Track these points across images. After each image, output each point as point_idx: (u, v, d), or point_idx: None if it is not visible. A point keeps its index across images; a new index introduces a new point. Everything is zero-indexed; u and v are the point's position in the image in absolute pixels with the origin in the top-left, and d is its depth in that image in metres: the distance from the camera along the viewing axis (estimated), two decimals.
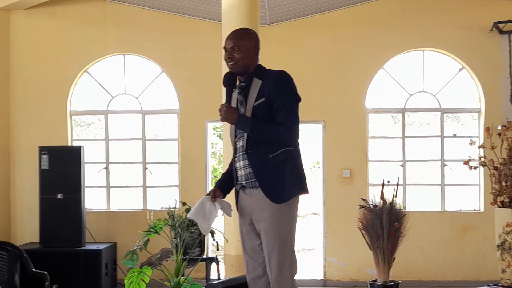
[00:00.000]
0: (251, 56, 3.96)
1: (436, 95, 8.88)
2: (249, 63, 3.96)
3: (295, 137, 3.85)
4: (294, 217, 3.88)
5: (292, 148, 3.82)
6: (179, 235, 5.62)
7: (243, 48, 3.94)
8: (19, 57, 8.86)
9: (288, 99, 3.83)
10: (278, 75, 3.91)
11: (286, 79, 3.90)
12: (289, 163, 3.80)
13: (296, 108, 3.88)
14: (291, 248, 3.85)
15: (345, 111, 8.77)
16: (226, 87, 3.95)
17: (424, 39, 8.79)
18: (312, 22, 8.82)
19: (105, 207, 8.97)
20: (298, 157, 3.87)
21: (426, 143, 9.07)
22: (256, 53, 4.00)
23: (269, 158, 3.79)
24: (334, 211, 8.67)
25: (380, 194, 6.95)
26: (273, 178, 3.80)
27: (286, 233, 3.82)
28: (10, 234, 8.71)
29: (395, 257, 6.89)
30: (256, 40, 4.04)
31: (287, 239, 3.83)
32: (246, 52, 3.95)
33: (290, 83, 3.90)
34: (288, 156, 3.80)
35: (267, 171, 3.80)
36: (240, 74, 3.99)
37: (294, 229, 3.88)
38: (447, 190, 8.79)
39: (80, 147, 8.20)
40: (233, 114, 3.83)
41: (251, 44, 3.98)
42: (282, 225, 3.81)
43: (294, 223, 3.88)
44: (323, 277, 8.70)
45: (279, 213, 3.80)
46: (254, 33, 4.12)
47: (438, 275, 8.56)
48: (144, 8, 8.85)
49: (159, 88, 9.11)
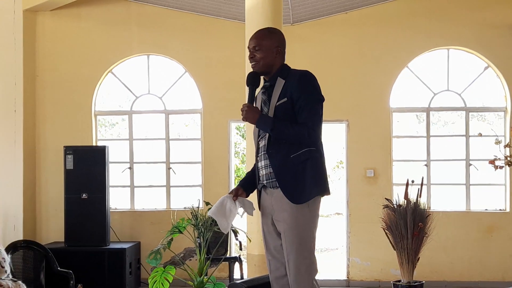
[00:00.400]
0: (274, 56, 3.95)
1: (461, 94, 8.80)
2: (272, 62, 3.95)
3: (316, 138, 3.80)
4: (314, 218, 3.84)
5: (314, 148, 3.79)
6: (202, 235, 5.64)
7: (265, 47, 3.94)
8: (45, 58, 8.95)
9: (310, 100, 3.79)
10: (301, 75, 3.89)
11: (309, 79, 3.87)
12: (310, 163, 3.77)
13: (319, 109, 3.84)
14: (310, 249, 3.81)
15: (369, 110, 8.72)
16: (249, 87, 3.96)
17: (448, 37, 8.71)
18: (336, 21, 8.78)
19: (129, 207, 9.03)
20: (320, 158, 3.83)
21: (451, 143, 8.99)
22: (280, 52, 3.97)
23: (290, 158, 3.77)
24: (358, 211, 8.63)
25: (404, 194, 6.90)
26: (293, 178, 3.77)
27: (305, 234, 3.78)
28: (35, 233, 8.81)
29: (419, 257, 6.85)
30: (278, 39, 4.01)
31: (306, 240, 3.79)
32: (268, 51, 3.94)
33: (313, 83, 3.86)
34: (309, 157, 3.77)
35: (288, 171, 3.78)
36: (263, 73, 3.99)
37: (314, 230, 3.84)
38: (472, 190, 8.70)
39: (104, 147, 8.26)
40: (254, 114, 3.83)
41: (273, 43, 3.96)
42: (301, 226, 3.77)
43: (314, 224, 3.84)
44: (346, 277, 8.66)
45: (298, 213, 3.77)
46: (277, 32, 4.09)
47: (463, 276, 8.48)
48: (167, 9, 8.89)
49: (183, 88, 9.15)
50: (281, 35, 4.07)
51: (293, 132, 3.75)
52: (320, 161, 3.84)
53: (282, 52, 4.00)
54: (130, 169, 9.03)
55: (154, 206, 9.04)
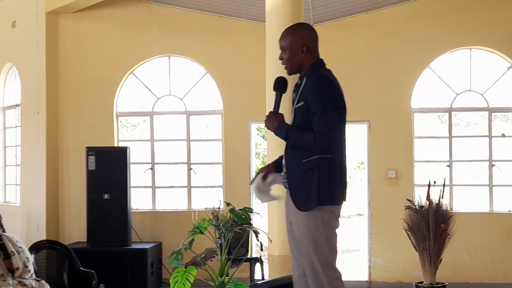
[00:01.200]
0: (299, 55, 3.84)
1: (484, 94, 8.71)
2: (299, 62, 3.86)
3: (327, 145, 3.66)
4: (326, 223, 3.73)
5: (327, 156, 3.68)
6: (223, 235, 5.64)
7: (289, 48, 3.86)
8: (67, 59, 9.03)
9: (320, 106, 3.66)
10: (314, 80, 3.77)
11: (320, 85, 3.74)
12: (319, 171, 3.67)
13: (331, 116, 3.67)
14: (325, 253, 3.72)
15: (390, 111, 8.67)
16: (276, 93, 3.92)
17: (471, 37, 8.63)
18: (357, 22, 8.75)
19: (150, 207, 9.08)
20: (331, 166, 3.70)
21: (473, 143, 8.91)
22: (306, 50, 3.83)
23: (301, 163, 3.72)
24: (379, 212, 8.59)
25: (426, 195, 6.86)
26: (300, 184, 3.74)
27: (317, 239, 3.72)
28: (58, 233, 8.88)
29: (441, 259, 6.80)
30: (303, 36, 3.86)
31: (319, 243, 3.72)
32: (292, 51, 3.85)
33: (325, 88, 3.73)
34: (319, 164, 3.67)
35: (297, 176, 3.75)
36: (295, 73, 3.91)
37: (329, 233, 3.75)
38: (495, 191, 8.61)
39: (126, 148, 8.30)
40: (274, 123, 3.83)
41: (297, 42, 3.84)
42: (311, 231, 3.72)
43: (328, 228, 3.74)
44: (368, 279, 8.63)
45: (306, 219, 3.73)
46: (301, 28, 3.95)
47: (486, 278, 8.39)
48: (188, 10, 8.92)
49: (204, 89, 9.18)
50: (305, 31, 3.91)
51: (303, 141, 3.69)
52: (332, 169, 3.71)
53: (310, 49, 3.85)
54: (152, 170, 9.07)
55: (175, 206, 9.08)
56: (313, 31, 3.95)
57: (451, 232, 6.82)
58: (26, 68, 9.06)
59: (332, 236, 3.79)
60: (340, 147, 3.77)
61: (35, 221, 8.77)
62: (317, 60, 3.90)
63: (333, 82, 3.80)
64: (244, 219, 5.46)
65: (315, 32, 3.96)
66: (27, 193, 8.96)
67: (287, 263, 6.43)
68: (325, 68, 3.91)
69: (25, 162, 9.07)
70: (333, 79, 3.83)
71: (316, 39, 3.92)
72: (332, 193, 3.73)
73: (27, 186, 8.99)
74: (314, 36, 3.92)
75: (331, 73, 3.89)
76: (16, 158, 9.52)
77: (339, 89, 3.81)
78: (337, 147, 3.74)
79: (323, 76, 3.80)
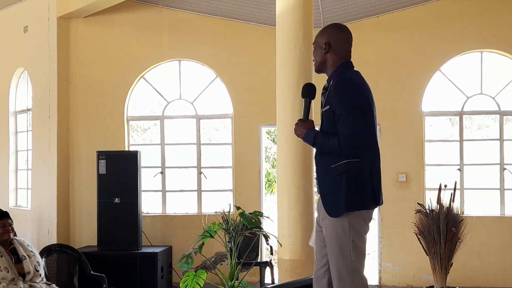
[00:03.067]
0: (322, 53, 3.84)
1: (495, 97, 8.68)
2: (322, 60, 3.85)
3: (353, 148, 3.62)
4: (354, 228, 3.70)
5: (355, 160, 3.65)
6: (233, 239, 5.63)
7: (316, 45, 3.88)
8: (78, 64, 9.07)
9: (343, 110, 3.63)
10: (337, 84, 3.74)
11: (342, 88, 3.70)
12: (347, 176, 3.65)
13: (354, 118, 3.61)
14: (351, 258, 3.70)
15: (401, 114, 8.65)
16: (304, 99, 3.92)
17: (482, 40, 8.59)
18: (367, 25, 8.74)
19: (161, 211, 9.09)
20: (360, 171, 3.67)
21: (484, 146, 8.87)
22: (329, 47, 3.81)
23: (331, 169, 3.70)
24: (390, 215, 8.56)
25: (437, 199, 6.82)
26: (330, 189, 3.72)
27: (344, 243, 3.70)
28: (69, 237, 8.92)
29: (452, 263, 6.75)
30: (329, 34, 3.84)
31: (346, 248, 3.70)
32: (318, 50, 3.86)
33: (347, 91, 3.68)
34: (347, 170, 3.64)
35: (327, 181, 3.74)
36: (320, 72, 3.91)
37: (356, 238, 3.71)
38: (507, 195, 8.56)
39: (137, 151, 8.31)
40: (302, 130, 3.84)
41: (322, 39, 3.84)
42: (339, 235, 3.71)
43: (355, 233, 3.71)
44: (378, 283, 8.60)
45: (334, 224, 3.72)
46: (331, 26, 3.92)
47: (498, 282, 8.34)
48: (198, 14, 8.94)
49: (214, 93, 9.19)
50: (334, 29, 3.88)
51: (329, 146, 3.68)
52: (360, 174, 3.67)
53: (335, 49, 3.82)
54: (162, 174, 9.09)
55: (185, 210, 9.10)
56: (343, 32, 3.91)
57: (462, 236, 6.77)
58: (38, 73, 9.11)
59: (360, 241, 3.75)
60: (370, 149, 3.74)
61: (46, 225, 8.81)
62: (345, 61, 3.86)
63: (357, 84, 3.75)
64: (254, 223, 5.45)
65: (347, 34, 3.92)
66: (38, 197, 9.00)
67: (297, 267, 6.44)
68: (351, 70, 3.87)
69: (36, 166, 9.11)
70: (358, 81, 3.78)
71: (346, 40, 3.88)
72: (361, 198, 3.70)
73: (38, 190, 9.03)
74: (343, 37, 3.88)
75: (357, 75, 3.85)
76: (27, 162, 9.57)
77: (364, 91, 3.75)
78: (367, 151, 3.72)
79: (347, 78, 3.76)
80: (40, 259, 5.87)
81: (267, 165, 14.92)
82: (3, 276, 5.45)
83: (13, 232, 5.86)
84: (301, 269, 6.35)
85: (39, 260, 5.80)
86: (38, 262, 5.76)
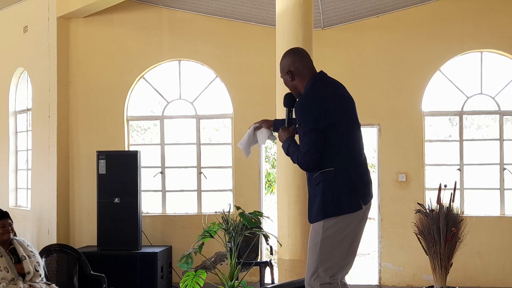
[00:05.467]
0: (289, 81, 3.96)
1: (495, 97, 8.68)
2: (292, 86, 3.97)
3: (308, 165, 3.71)
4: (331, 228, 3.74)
5: (330, 169, 3.70)
6: (233, 239, 5.64)
7: (283, 79, 4.01)
8: (78, 64, 9.07)
9: (300, 130, 3.75)
10: (298, 103, 3.84)
11: (300, 107, 3.77)
12: (323, 186, 3.73)
13: (309, 138, 3.67)
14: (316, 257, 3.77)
15: (401, 114, 8.65)
16: (285, 108, 4.03)
17: (482, 40, 8.60)
18: (367, 25, 8.74)
19: (160, 211, 9.09)
20: (335, 178, 3.70)
21: (484, 146, 8.87)
22: (292, 75, 3.90)
23: (312, 178, 3.81)
24: (390, 215, 8.56)
25: (437, 199, 6.82)
26: (312, 197, 3.85)
27: (315, 241, 3.78)
28: (69, 237, 8.92)
29: (452, 263, 6.76)
30: (285, 63, 3.96)
31: (315, 247, 3.78)
32: (286, 81, 3.98)
33: (303, 111, 3.73)
34: (322, 179, 3.73)
35: (310, 189, 3.88)
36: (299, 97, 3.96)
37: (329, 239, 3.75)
38: (507, 195, 8.57)
39: (136, 151, 8.31)
40: (282, 137, 3.97)
41: (283, 70, 3.98)
42: (312, 236, 3.81)
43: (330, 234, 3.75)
44: (378, 283, 8.60)
45: (314, 229, 3.83)
46: (284, 56, 4.00)
47: (497, 282, 8.35)
48: (198, 14, 8.94)
49: (214, 93, 9.19)
50: (287, 57, 3.96)
51: (294, 159, 3.83)
52: (334, 182, 3.71)
53: (297, 73, 3.90)
54: (162, 174, 9.09)
55: (185, 210, 9.10)
56: (296, 54, 3.96)
57: (462, 236, 6.78)
58: (37, 73, 9.11)
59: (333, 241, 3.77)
60: (344, 154, 3.74)
61: (46, 225, 8.81)
62: (310, 78, 3.89)
63: (312, 101, 3.74)
64: (254, 223, 5.45)
65: (300, 53, 3.97)
66: (38, 197, 9.00)
67: (297, 267, 6.45)
68: (318, 84, 3.86)
69: (36, 166, 9.11)
70: (318, 96, 3.76)
71: (301, 60, 3.92)
72: (336, 206, 3.73)
73: (38, 190, 9.03)
74: (298, 58, 3.93)
75: (322, 87, 3.83)
76: (27, 162, 9.57)
77: (321, 106, 3.72)
78: (339, 157, 3.72)
79: (304, 97, 3.81)
80: (40, 259, 5.87)
81: (267, 165, 14.92)
82: (3, 276, 5.44)
83: (13, 232, 5.86)
84: (301, 269, 6.35)
85: (39, 260, 5.80)
86: (38, 262, 5.76)
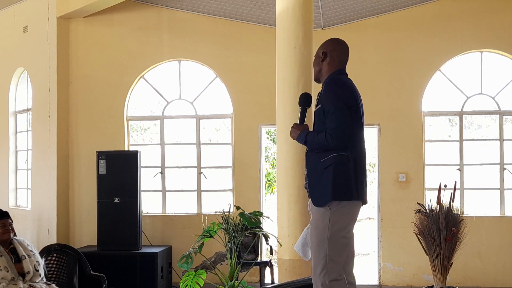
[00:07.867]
0: (319, 62, 4.15)
1: (495, 97, 8.68)
2: (317, 66, 4.18)
3: (338, 141, 3.85)
4: (337, 223, 3.89)
5: (343, 154, 3.87)
6: (233, 239, 5.63)
7: (316, 56, 4.21)
8: (78, 64, 9.07)
9: (331, 106, 3.90)
10: (327, 83, 4.04)
11: (330, 86, 3.99)
12: (334, 168, 3.86)
13: (341, 113, 3.89)
14: (325, 253, 3.87)
15: (401, 114, 8.65)
16: (300, 107, 4.20)
17: (482, 40, 8.60)
18: (367, 25, 8.74)
19: (160, 211, 9.09)
20: (347, 163, 3.88)
21: (484, 146, 8.86)
22: (325, 58, 4.12)
23: (320, 163, 3.91)
24: (390, 215, 8.56)
25: (437, 199, 6.82)
26: (318, 181, 3.92)
27: (322, 237, 3.88)
28: (69, 237, 8.92)
29: (452, 263, 6.76)
30: (325, 45, 4.19)
31: (322, 243, 3.88)
32: (316, 59, 4.19)
33: (334, 88, 3.96)
34: (335, 162, 3.86)
35: (315, 175, 3.95)
36: (317, 80, 4.25)
37: (336, 234, 3.88)
38: (507, 195, 8.56)
39: (136, 151, 8.31)
40: (295, 133, 4.11)
41: (320, 50, 4.18)
42: (319, 228, 3.90)
43: (337, 229, 3.88)
44: (378, 283, 8.60)
45: (318, 215, 3.91)
46: (329, 39, 4.26)
47: (497, 282, 8.35)
48: (198, 14, 8.94)
49: (214, 93, 9.19)
50: (332, 41, 4.20)
51: (317, 141, 3.92)
52: (346, 166, 3.88)
53: (330, 58, 4.12)
54: (162, 174, 9.09)
55: (185, 210, 9.10)
56: (340, 44, 4.21)
57: (462, 236, 6.78)
58: (37, 73, 9.11)
59: (339, 236, 3.90)
60: (356, 146, 3.95)
61: (46, 225, 8.81)
62: (337, 69, 4.12)
63: (344, 83, 4.00)
64: (254, 223, 5.45)
65: (343, 46, 4.22)
66: (38, 197, 9.00)
67: (297, 267, 6.44)
68: (342, 76, 4.12)
69: (36, 166, 9.11)
70: (345, 81, 4.05)
71: (341, 51, 4.17)
72: (346, 189, 3.89)
73: (38, 190, 9.03)
74: (338, 48, 4.17)
75: (348, 80, 4.11)
76: (27, 162, 9.57)
77: (351, 91, 4.01)
78: (353, 146, 3.92)
79: (336, 78, 4.03)
80: (40, 259, 5.87)
81: (267, 165, 14.92)
82: (3, 275, 5.44)
83: (13, 232, 5.86)
84: (301, 269, 6.35)
85: (39, 260, 5.80)
86: (38, 262, 5.76)
